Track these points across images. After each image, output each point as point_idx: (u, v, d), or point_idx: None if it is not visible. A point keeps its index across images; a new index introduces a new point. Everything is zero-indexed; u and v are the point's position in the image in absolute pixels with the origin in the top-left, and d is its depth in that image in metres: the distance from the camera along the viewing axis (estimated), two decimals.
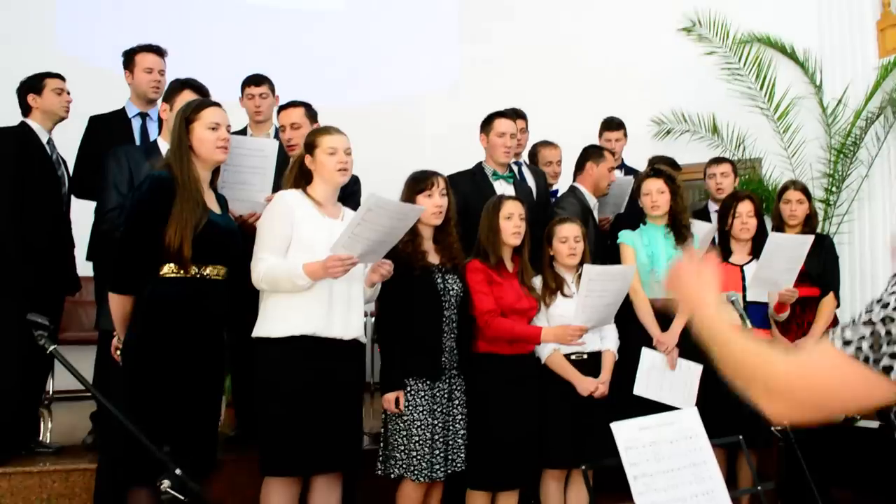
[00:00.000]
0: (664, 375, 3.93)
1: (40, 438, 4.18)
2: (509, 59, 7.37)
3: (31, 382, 4.02)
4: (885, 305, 1.13)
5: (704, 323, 1.41)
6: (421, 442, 3.34)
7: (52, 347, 2.31)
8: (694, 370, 3.93)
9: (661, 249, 4.10)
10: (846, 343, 1.15)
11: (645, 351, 3.93)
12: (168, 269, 2.88)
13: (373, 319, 3.72)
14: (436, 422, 3.39)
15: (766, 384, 1.22)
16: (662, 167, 4.41)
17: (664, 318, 4.00)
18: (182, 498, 2.17)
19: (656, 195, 4.12)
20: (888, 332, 1.11)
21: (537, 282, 3.80)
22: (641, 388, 3.90)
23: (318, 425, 3.07)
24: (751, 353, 1.28)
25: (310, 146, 3.26)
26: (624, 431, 2.51)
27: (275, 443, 3.07)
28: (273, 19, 7.25)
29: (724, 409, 3.88)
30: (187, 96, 3.37)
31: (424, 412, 3.37)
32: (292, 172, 3.31)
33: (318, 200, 3.23)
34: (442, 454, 3.40)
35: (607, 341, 3.82)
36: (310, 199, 3.22)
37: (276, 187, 3.63)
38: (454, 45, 7.67)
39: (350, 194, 3.74)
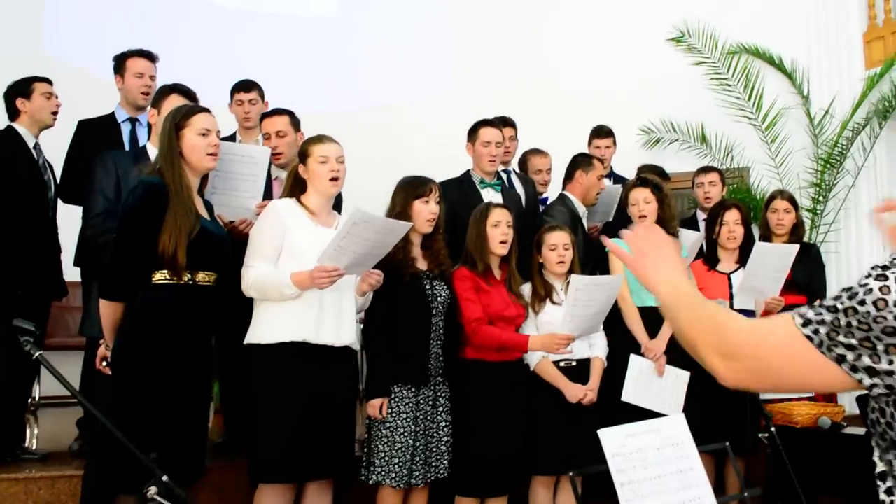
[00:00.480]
0: (652, 382, 3.94)
1: (26, 445, 4.15)
2: (499, 66, 7.40)
3: (16, 388, 4.00)
4: (853, 296, 1.10)
5: (662, 296, 1.41)
6: (402, 449, 3.34)
7: (37, 353, 2.30)
8: (681, 377, 3.94)
9: None
10: (805, 323, 1.13)
11: (633, 358, 3.94)
12: (160, 276, 2.85)
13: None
14: (418, 429, 3.40)
15: (719, 345, 1.21)
16: (649, 176, 4.43)
17: (652, 325, 4.02)
18: None
19: (643, 204, 4.13)
20: (848, 324, 1.08)
21: (526, 289, 3.81)
22: (629, 394, 3.91)
23: (312, 432, 3.07)
24: (708, 312, 1.28)
25: (303, 155, 3.27)
26: (611, 438, 2.51)
27: (268, 450, 3.06)
28: (262, 24, 7.26)
29: (711, 415, 3.92)
30: (175, 101, 3.35)
31: (408, 419, 3.37)
32: (288, 181, 3.33)
33: (311, 209, 3.23)
34: (423, 461, 3.40)
35: (596, 349, 3.83)
36: (303, 208, 3.23)
37: (267, 195, 3.63)
38: (444, 52, 7.68)
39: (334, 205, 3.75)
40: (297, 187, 3.29)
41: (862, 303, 1.08)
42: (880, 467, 1.20)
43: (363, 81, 7.32)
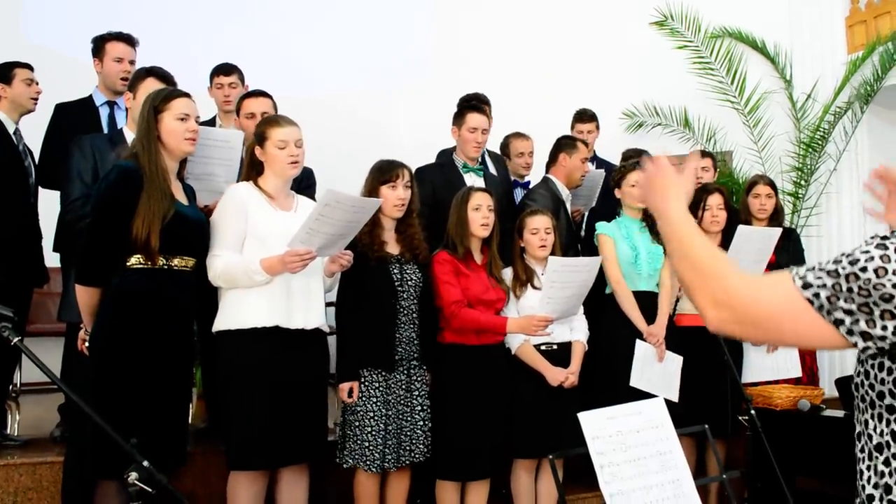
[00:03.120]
0: (654, 367, 3.96)
1: (7, 431, 4.12)
2: (481, 49, 7.36)
3: None
4: (854, 262, 1.14)
5: (670, 217, 1.43)
6: (374, 433, 3.35)
7: (16, 339, 2.28)
8: (676, 361, 3.98)
9: (640, 242, 4.12)
10: (806, 286, 1.18)
11: (639, 343, 3.95)
12: (135, 261, 2.85)
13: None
14: (389, 413, 3.40)
15: (714, 292, 1.25)
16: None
17: (645, 308, 4.04)
18: (150, 490, 2.16)
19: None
20: (849, 289, 1.13)
21: (508, 273, 3.81)
22: (637, 379, 3.92)
23: (284, 417, 3.07)
24: (709, 258, 1.31)
25: (260, 137, 3.22)
26: (591, 421, 2.53)
27: (241, 437, 3.06)
28: (240, 8, 7.17)
29: (692, 398, 3.96)
30: (151, 84, 3.33)
31: (378, 403, 3.38)
32: (245, 163, 3.29)
33: (269, 193, 3.20)
34: (395, 445, 3.41)
35: (577, 332, 3.85)
36: (261, 192, 3.19)
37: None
38: (425, 35, 7.64)
39: (306, 188, 3.72)
40: (252, 170, 3.24)
41: (864, 269, 1.12)
42: (858, 428, 1.27)
43: (342, 66, 7.26)
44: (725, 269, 1.28)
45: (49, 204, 4.05)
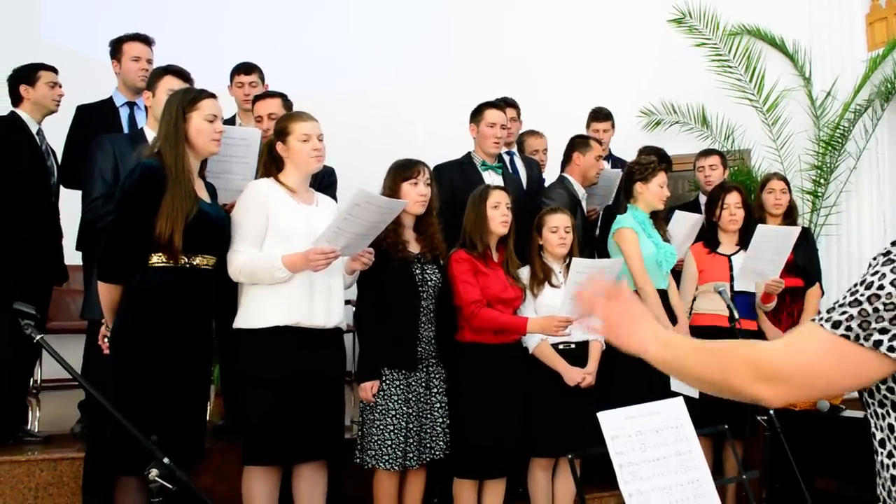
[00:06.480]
0: None
1: (28, 427, 4.17)
2: (498, 48, 7.35)
3: (19, 371, 4.02)
4: (870, 285, 1.17)
5: (654, 355, 1.44)
6: (395, 431, 3.35)
7: (38, 337, 2.30)
8: None
9: (656, 238, 4.10)
10: (835, 325, 1.19)
11: None
12: (157, 259, 2.87)
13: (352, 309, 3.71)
14: (410, 411, 3.41)
15: (758, 371, 1.24)
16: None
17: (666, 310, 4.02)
18: (170, 486, 2.17)
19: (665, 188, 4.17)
20: (875, 309, 1.15)
21: (525, 272, 3.81)
22: (677, 383, 3.89)
23: (300, 414, 3.09)
24: (727, 347, 1.31)
25: (281, 133, 3.23)
26: (611, 420, 2.52)
27: (256, 432, 3.08)
28: (260, 5, 7.20)
29: (710, 398, 3.92)
30: (170, 82, 3.36)
31: (399, 402, 3.39)
32: (262, 159, 3.30)
33: (291, 188, 3.21)
34: (416, 443, 3.41)
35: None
36: (283, 187, 3.20)
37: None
38: (443, 33, 7.63)
39: (327, 186, 3.73)
40: (272, 165, 3.26)
41: (881, 287, 1.15)
42: (879, 435, 1.27)
43: (361, 63, 7.28)
44: (753, 349, 1.28)
45: (72, 203, 4.09)
